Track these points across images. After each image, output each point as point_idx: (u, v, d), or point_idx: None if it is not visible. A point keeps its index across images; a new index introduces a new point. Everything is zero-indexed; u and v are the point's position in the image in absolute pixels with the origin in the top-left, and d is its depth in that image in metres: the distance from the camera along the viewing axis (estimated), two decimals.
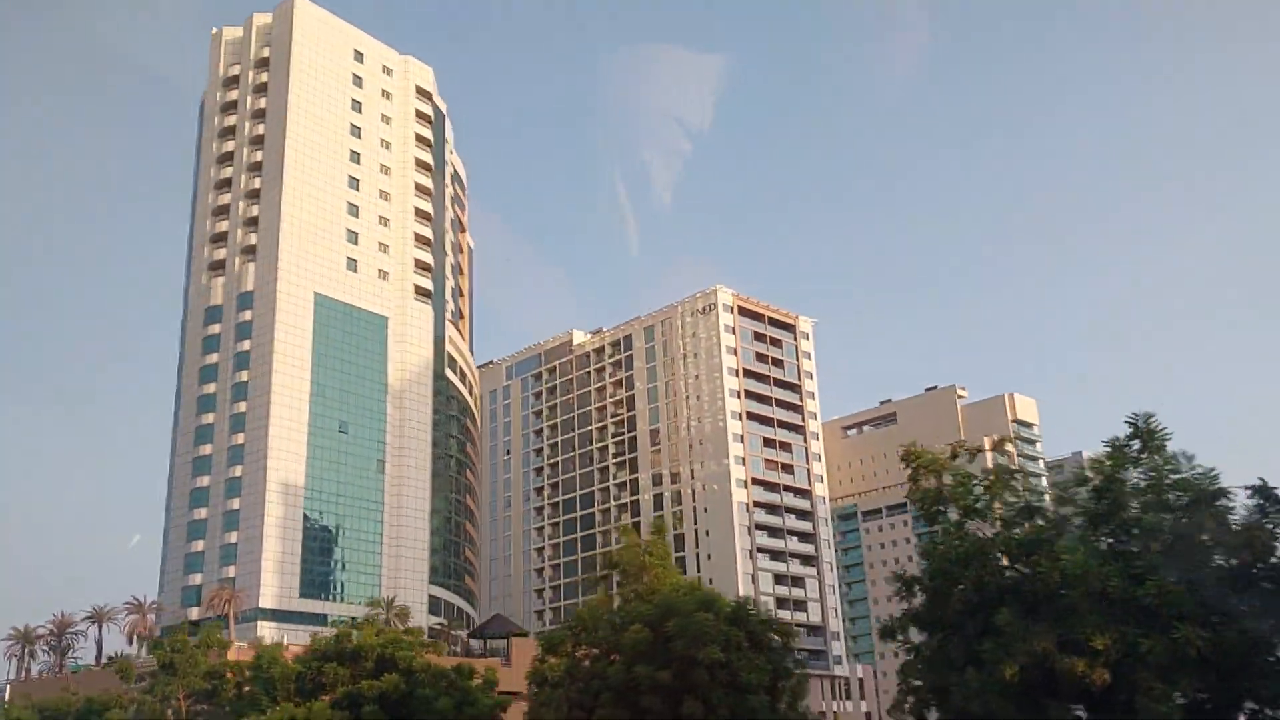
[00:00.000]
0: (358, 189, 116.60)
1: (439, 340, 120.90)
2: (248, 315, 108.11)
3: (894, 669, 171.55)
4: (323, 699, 41.19)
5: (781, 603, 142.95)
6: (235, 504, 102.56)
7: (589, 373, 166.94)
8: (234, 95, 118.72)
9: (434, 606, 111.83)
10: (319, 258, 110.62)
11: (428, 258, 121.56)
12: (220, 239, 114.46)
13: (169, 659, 45.41)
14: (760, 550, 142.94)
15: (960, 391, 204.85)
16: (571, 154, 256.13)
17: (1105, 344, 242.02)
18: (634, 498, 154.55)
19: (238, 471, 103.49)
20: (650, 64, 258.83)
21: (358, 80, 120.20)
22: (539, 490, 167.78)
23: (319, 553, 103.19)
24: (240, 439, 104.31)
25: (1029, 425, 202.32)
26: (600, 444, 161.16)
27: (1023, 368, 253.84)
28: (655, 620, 36.65)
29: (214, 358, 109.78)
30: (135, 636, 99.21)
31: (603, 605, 40.85)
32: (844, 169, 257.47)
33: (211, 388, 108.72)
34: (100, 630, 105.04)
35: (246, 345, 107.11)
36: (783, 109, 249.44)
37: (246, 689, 42.38)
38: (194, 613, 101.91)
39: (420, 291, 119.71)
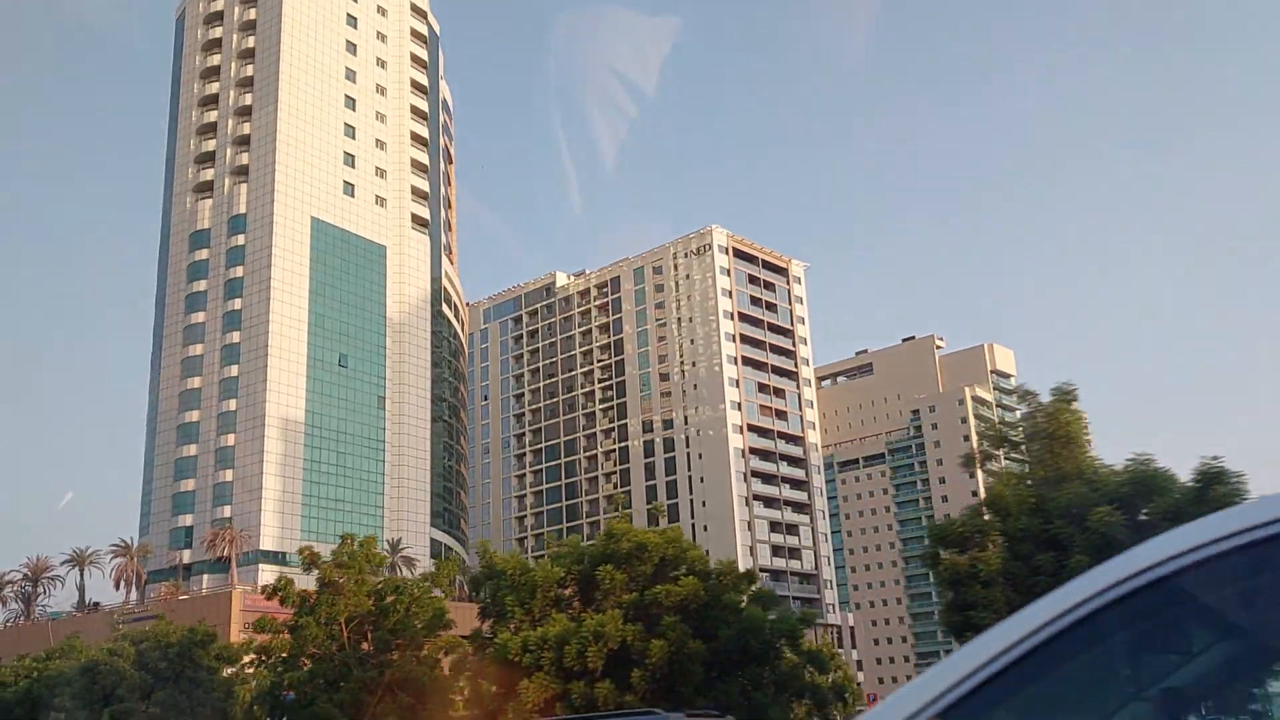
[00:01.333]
0: (354, 109, 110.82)
1: (435, 273, 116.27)
2: (240, 240, 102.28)
3: (869, 620, 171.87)
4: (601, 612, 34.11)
5: (777, 550, 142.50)
6: (230, 440, 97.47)
7: (573, 316, 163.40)
8: (219, 5, 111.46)
9: (434, 550, 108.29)
10: (316, 180, 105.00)
11: (424, 185, 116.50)
12: (207, 159, 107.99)
13: (331, 574, 39.62)
14: (755, 498, 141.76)
15: (938, 342, 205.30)
16: (519, 109, 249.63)
17: (1080, 292, 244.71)
18: (622, 444, 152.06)
19: (231, 405, 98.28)
20: (599, 23, 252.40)
21: None
22: (519, 437, 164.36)
23: (320, 493, 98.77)
24: (234, 371, 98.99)
25: (1007, 376, 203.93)
26: (586, 389, 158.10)
27: (996, 317, 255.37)
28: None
29: (201, 285, 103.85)
30: (122, 581, 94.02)
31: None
32: (793, 127, 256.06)
33: (200, 317, 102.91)
34: (82, 575, 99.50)
35: (239, 272, 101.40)
36: (731, 73, 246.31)
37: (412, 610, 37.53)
38: (185, 555, 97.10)
39: (417, 221, 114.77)
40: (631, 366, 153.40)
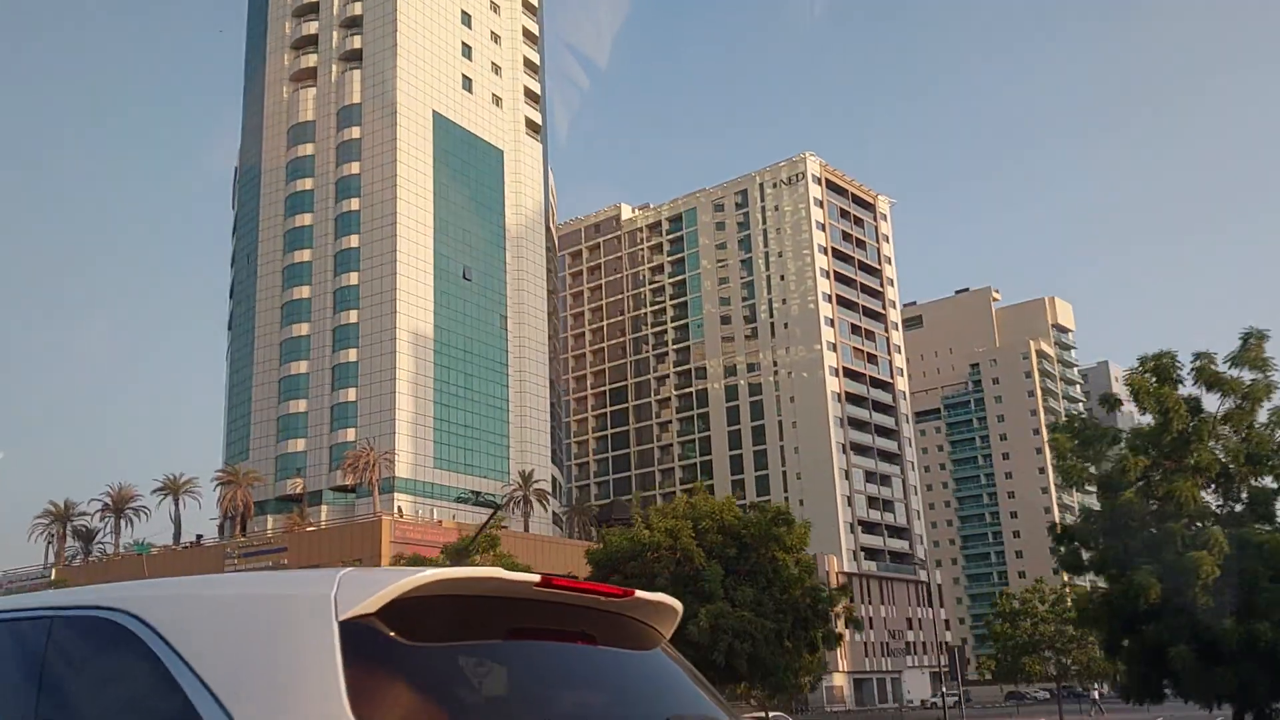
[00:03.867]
0: None
1: (546, 185, 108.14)
2: (355, 133, 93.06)
3: (949, 579, 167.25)
4: None
5: (872, 502, 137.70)
6: (351, 355, 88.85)
7: (642, 250, 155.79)
8: None
9: (553, 487, 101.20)
10: (436, 71, 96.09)
11: (536, 87, 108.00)
12: (308, 43, 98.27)
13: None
14: (851, 446, 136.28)
15: (994, 294, 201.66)
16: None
17: (1135, 246, 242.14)
18: (700, 386, 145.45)
19: (352, 317, 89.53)
20: None
21: None
22: (580, 379, 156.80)
23: (450, 417, 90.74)
24: (353, 279, 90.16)
25: (1066, 331, 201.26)
26: (658, 328, 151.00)
27: (1047, 270, 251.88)
28: None
29: (306, 184, 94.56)
30: (227, 512, 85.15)
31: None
32: (747, 99, 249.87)
33: (307, 219, 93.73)
34: (177, 505, 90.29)
35: (354, 168, 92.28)
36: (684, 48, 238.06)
37: None
38: (297, 484, 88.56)
39: (531, 126, 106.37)
40: (710, 304, 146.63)
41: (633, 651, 3.05)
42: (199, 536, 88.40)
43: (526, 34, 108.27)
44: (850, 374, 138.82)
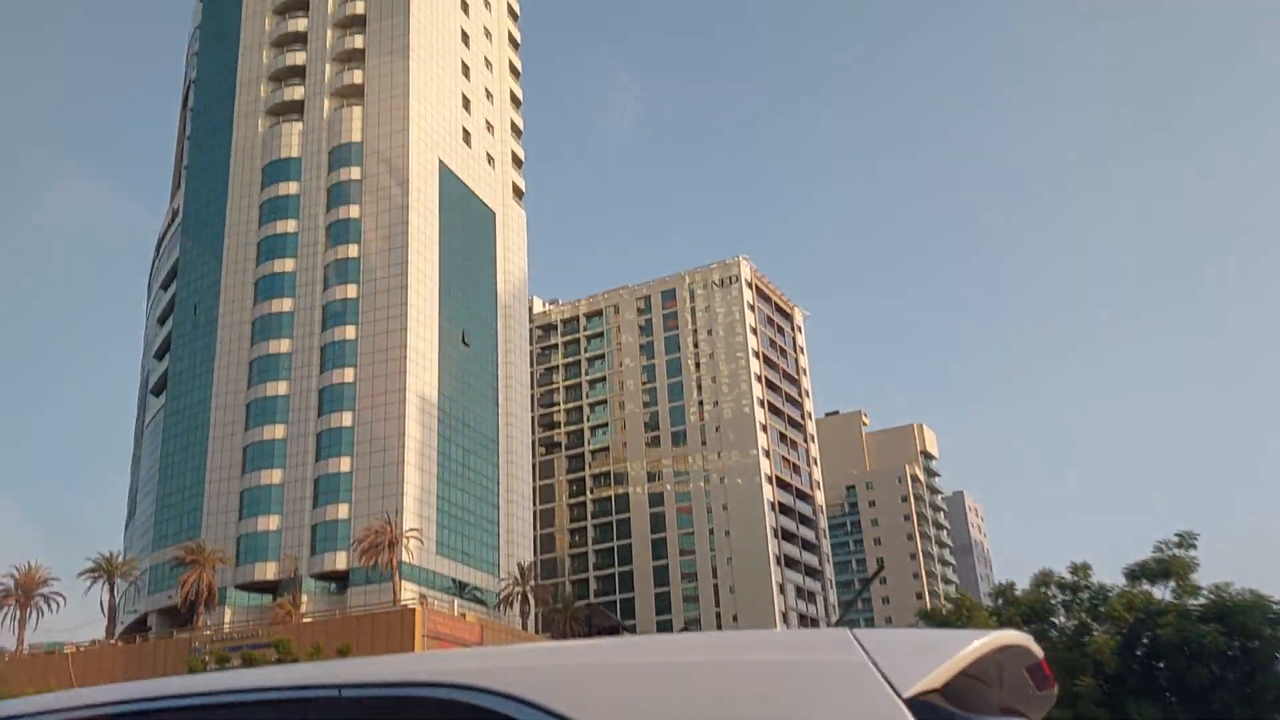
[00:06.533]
0: (467, 45, 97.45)
1: (529, 254, 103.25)
2: (353, 174, 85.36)
3: None
4: None
5: (802, 619, 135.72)
6: (344, 419, 79.02)
7: (555, 346, 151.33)
8: None
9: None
10: (441, 119, 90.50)
11: (521, 153, 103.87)
12: (290, 75, 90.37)
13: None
14: (784, 559, 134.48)
15: (864, 419, 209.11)
16: None
17: (997, 379, 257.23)
18: (618, 491, 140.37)
19: (346, 376, 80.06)
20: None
21: None
22: None
23: (450, 495, 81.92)
24: (348, 333, 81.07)
25: (931, 458, 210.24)
26: (571, 428, 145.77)
27: (912, 397, 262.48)
28: None
29: (288, 226, 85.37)
30: (191, 598, 71.91)
31: None
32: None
33: (288, 264, 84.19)
34: (112, 592, 75.54)
35: (353, 211, 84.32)
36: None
37: None
38: (270, 569, 76.76)
39: (516, 191, 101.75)
40: (633, 404, 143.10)
41: None
42: (145, 627, 74.17)
43: (514, 98, 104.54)
44: (780, 483, 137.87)
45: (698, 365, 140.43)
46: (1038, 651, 2.50)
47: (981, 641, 2.19)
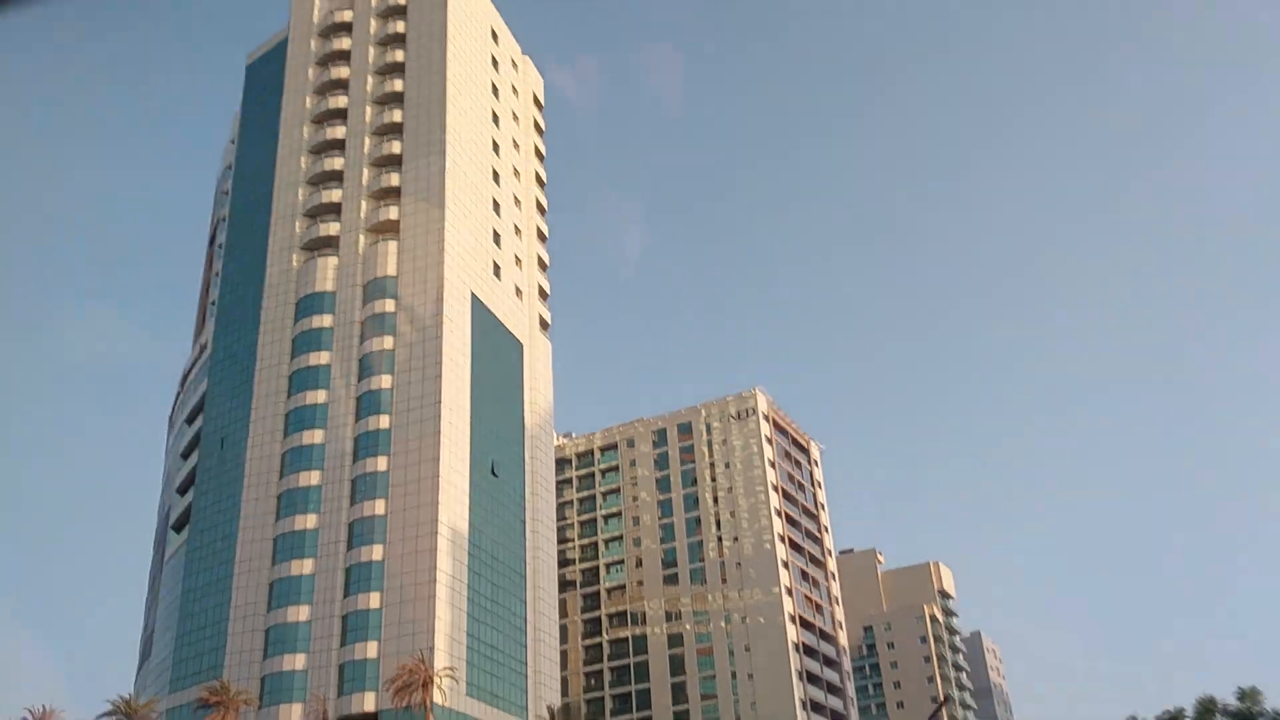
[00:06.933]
0: (498, 183, 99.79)
1: (554, 387, 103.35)
2: (387, 306, 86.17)
3: None
4: None
5: None
6: (374, 553, 77.52)
7: (569, 480, 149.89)
8: (342, 44, 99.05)
9: None
10: (474, 254, 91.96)
11: (548, 286, 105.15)
12: (326, 211, 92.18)
13: None
14: (810, 704, 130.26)
15: (879, 557, 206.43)
16: None
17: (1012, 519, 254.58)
18: (636, 631, 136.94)
19: (378, 508, 78.95)
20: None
21: (495, 63, 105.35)
22: None
23: (480, 634, 79.73)
24: (381, 464, 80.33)
25: (949, 597, 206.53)
26: (586, 565, 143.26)
27: (921, 533, 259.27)
28: None
29: (321, 358, 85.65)
30: None
31: None
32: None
33: (320, 396, 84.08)
34: None
35: (387, 343, 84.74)
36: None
37: None
38: (295, 711, 74.03)
39: (543, 324, 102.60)
40: (650, 540, 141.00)
41: None
42: None
43: (540, 233, 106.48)
44: (803, 623, 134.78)
45: (715, 499, 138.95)
46: None
47: None
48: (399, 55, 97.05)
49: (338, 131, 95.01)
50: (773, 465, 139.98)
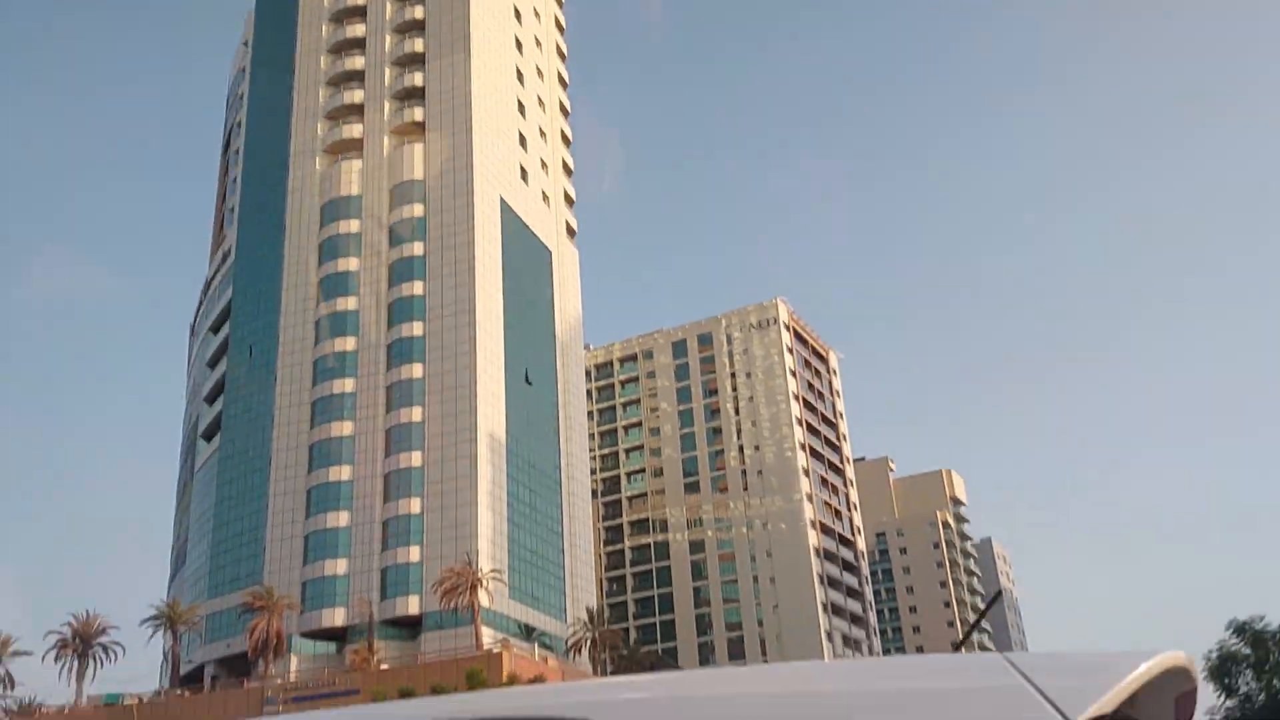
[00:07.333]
0: (522, 83, 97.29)
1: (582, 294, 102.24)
2: (416, 210, 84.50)
3: None
4: None
5: None
6: (413, 459, 77.24)
7: (590, 391, 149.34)
8: None
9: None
10: (501, 157, 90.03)
11: (573, 192, 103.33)
12: (348, 112, 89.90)
13: None
14: (830, 607, 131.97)
15: (890, 465, 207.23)
16: None
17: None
18: (658, 538, 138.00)
19: (414, 415, 78.46)
20: None
21: None
22: None
23: (519, 538, 79.99)
24: (415, 371, 79.66)
25: (960, 504, 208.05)
26: (607, 474, 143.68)
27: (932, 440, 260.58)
28: None
29: (350, 264, 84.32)
30: (258, 649, 69.44)
31: None
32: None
33: (350, 303, 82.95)
34: (175, 640, 73.12)
35: (417, 249, 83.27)
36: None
37: None
38: (338, 615, 74.51)
39: (570, 230, 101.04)
40: (670, 449, 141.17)
41: None
42: (201, 677, 71.70)
43: (564, 137, 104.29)
44: (824, 528, 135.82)
45: (737, 409, 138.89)
46: (1195, 679, 2.39)
47: (1154, 661, 2.09)
48: None
49: (357, 30, 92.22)
50: (793, 374, 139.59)
